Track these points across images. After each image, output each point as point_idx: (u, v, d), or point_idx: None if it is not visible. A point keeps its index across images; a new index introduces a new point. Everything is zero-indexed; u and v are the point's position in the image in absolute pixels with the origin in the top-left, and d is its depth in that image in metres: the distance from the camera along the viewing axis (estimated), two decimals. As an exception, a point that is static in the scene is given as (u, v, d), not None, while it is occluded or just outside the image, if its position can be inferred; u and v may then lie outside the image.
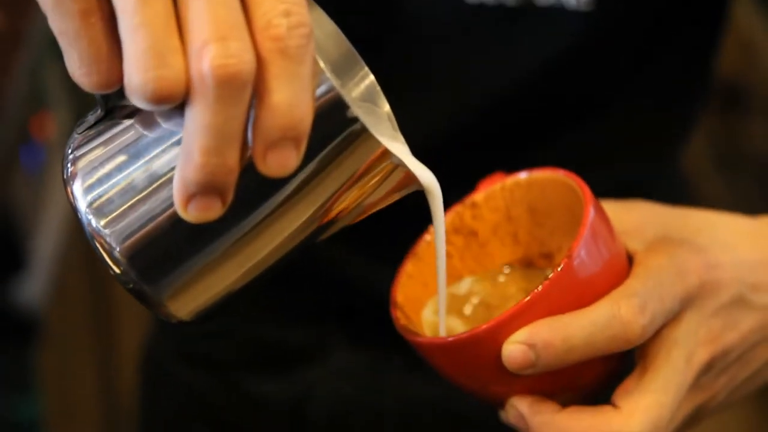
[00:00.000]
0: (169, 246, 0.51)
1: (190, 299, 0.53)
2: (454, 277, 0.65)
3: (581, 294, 0.56)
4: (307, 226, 0.53)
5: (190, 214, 0.47)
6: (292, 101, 0.47)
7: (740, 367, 0.62)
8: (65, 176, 0.52)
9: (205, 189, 0.47)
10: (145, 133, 0.51)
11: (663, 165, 0.90)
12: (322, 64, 0.49)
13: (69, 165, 0.52)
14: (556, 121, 0.82)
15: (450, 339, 0.57)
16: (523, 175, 0.64)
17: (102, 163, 0.51)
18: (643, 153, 0.87)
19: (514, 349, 0.56)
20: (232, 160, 0.46)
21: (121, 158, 0.51)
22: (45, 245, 1.85)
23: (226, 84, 0.45)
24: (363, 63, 0.56)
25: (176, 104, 0.46)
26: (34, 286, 1.75)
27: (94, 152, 0.51)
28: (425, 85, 0.80)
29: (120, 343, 1.91)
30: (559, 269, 0.55)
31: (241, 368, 0.94)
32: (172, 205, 0.48)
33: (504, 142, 0.81)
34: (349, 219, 0.55)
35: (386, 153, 0.52)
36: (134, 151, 0.51)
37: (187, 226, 0.48)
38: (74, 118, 2.11)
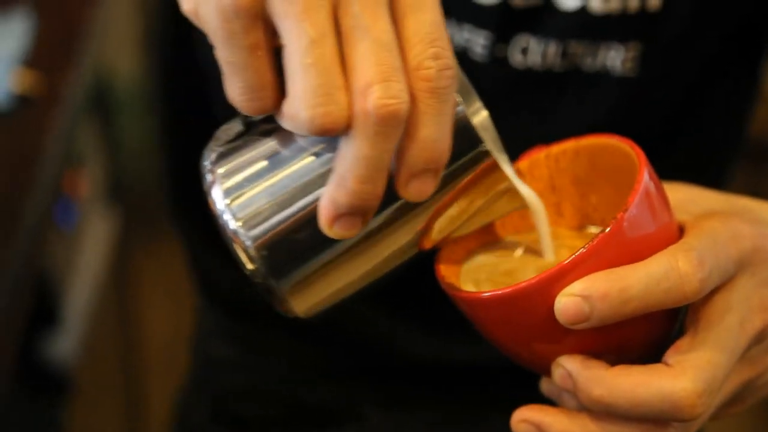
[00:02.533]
0: (300, 248, 0.56)
1: (309, 297, 0.59)
2: (492, 237, 0.66)
3: (634, 251, 0.56)
4: (425, 235, 0.59)
5: (334, 232, 0.53)
6: (436, 136, 0.52)
7: None
8: (207, 183, 0.57)
9: (353, 211, 0.52)
10: (286, 148, 0.56)
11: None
12: (460, 99, 0.55)
13: (210, 173, 0.58)
14: None
15: (498, 292, 0.57)
16: (570, 142, 0.64)
17: (243, 171, 0.57)
18: None
19: (567, 300, 0.55)
20: (380, 188, 0.52)
21: (262, 167, 0.56)
22: (77, 302, 1.85)
23: (386, 121, 0.50)
24: (477, 95, 0.62)
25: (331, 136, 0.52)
26: (66, 342, 1.75)
27: (235, 161, 0.57)
28: None
29: (149, 402, 1.91)
30: (613, 224, 0.55)
31: (272, 428, 0.94)
32: (307, 213, 0.55)
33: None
34: (455, 232, 0.60)
35: (506, 180, 0.58)
36: (274, 163, 0.56)
37: (319, 235, 0.54)
38: (107, 175, 2.12)
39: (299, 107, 0.51)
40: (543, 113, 0.80)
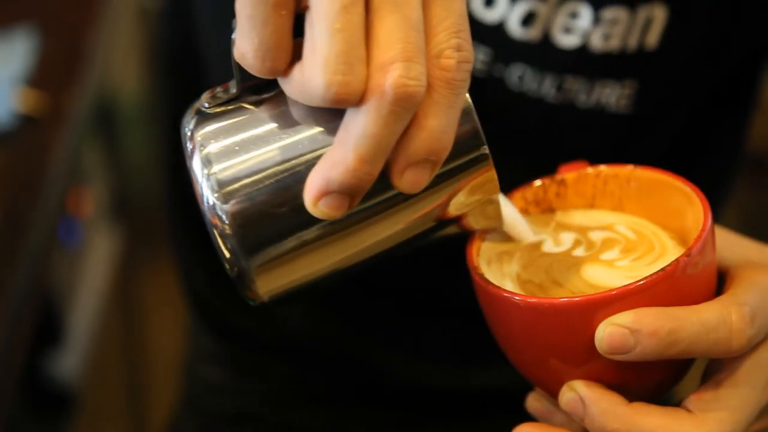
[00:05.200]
0: (276, 225, 0.54)
1: (276, 279, 0.56)
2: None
3: (682, 292, 0.55)
4: (398, 236, 0.57)
5: (319, 210, 0.51)
6: (443, 128, 0.51)
7: None
8: (188, 149, 0.55)
9: (344, 190, 0.50)
10: (278, 119, 0.54)
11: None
12: (469, 99, 0.53)
13: (191, 139, 0.55)
14: None
15: (535, 300, 0.56)
16: (626, 168, 0.63)
17: (228, 141, 0.54)
18: None
19: (614, 330, 0.54)
20: (377, 171, 0.50)
21: (248, 137, 0.54)
22: (81, 320, 1.86)
23: (401, 102, 0.49)
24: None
25: (340, 107, 0.50)
26: (70, 360, 1.75)
27: (221, 129, 0.55)
28: None
29: (153, 419, 1.91)
30: (673, 264, 0.55)
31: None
32: (291, 189, 0.53)
33: None
34: (430, 237, 0.58)
35: (496, 188, 0.57)
36: (262, 133, 0.54)
37: (299, 214, 0.52)
38: (111, 193, 2.13)
39: (317, 72, 0.49)
40: (535, 139, 0.80)
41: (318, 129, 0.53)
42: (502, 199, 0.59)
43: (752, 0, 0.78)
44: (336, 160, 0.50)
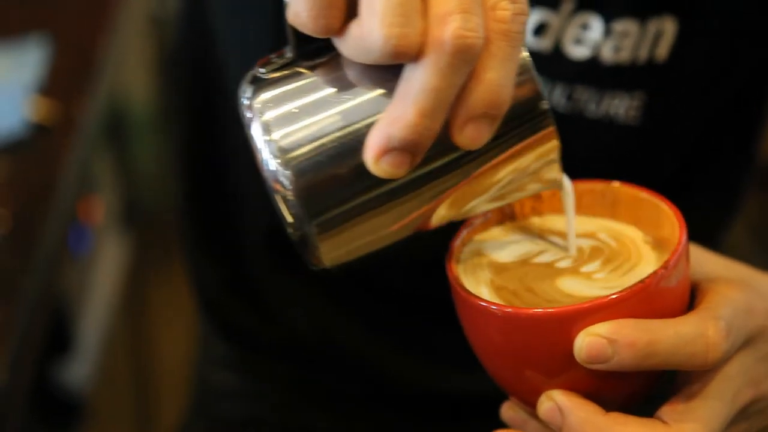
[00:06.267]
0: (339, 190, 0.53)
1: (339, 242, 0.55)
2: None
3: (658, 305, 0.56)
4: (459, 198, 0.56)
5: (380, 168, 0.50)
6: (502, 81, 0.50)
7: (759, 417, 0.62)
8: (246, 116, 0.54)
9: (405, 147, 0.49)
10: (334, 81, 0.53)
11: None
12: (526, 54, 0.53)
13: (249, 107, 0.55)
14: None
15: (512, 310, 0.56)
16: (601, 184, 0.64)
17: (287, 106, 0.54)
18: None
19: (593, 340, 0.55)
20: (438, 125, 0.49)
21: (309, 102, 0.54)
22: (91, 328, 1.86)
23: (461, 53, 0.48)
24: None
25: (399, 62, 0.49)
26: (80, 368, 1.76)
27: (279, 95, 0.54)
28: None
29: (162, 426, 1.92)
30: (651, 277, 0.55)
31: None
32: (352, 153, 0.52)
33: None
34: (489, 202, 0.58)
35: (557, 149, 0.56)
36: (320, 96, 0.53)
37: (361, 176, 0.52)
38: (121, 201, 2.13)
39: (374, 26, 0.48)
40: None
41: (376, 89, 0.53)
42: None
43: (762, 13, 0.78)
44: (396, 116, 0.49)
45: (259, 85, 0.55)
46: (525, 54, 0.53)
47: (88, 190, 1.87)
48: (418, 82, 0.49)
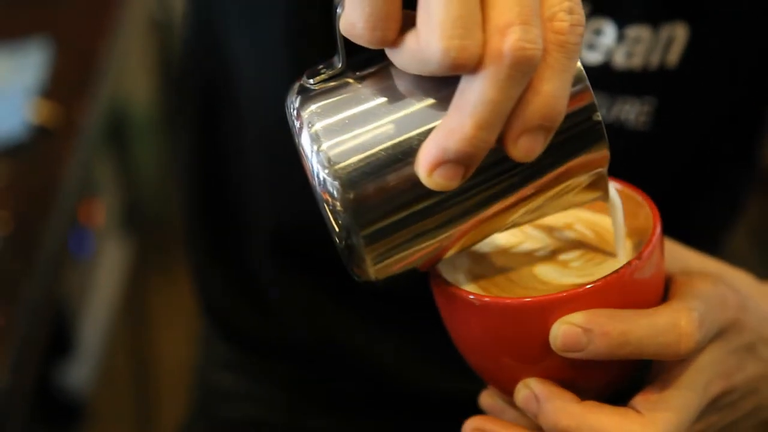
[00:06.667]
0: (388, 201, 0.53)
1: (386, 254, 0.55)
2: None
3: (632, 295, 0.57)
4: (508, 210, 0.56)
5: (433, 180, 0.50)
6: (558, 92, 0.49)
7: (730, 410, 0.63)
8: (295, 126, 0.54)
9: (461, 159, 0.49)
10: (386, 94, 0.53)
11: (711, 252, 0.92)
12: (580, 65, 0.52)
13: (299, 116, 0.54)
14: None
15: (489, 300, 0.57)
16: None
17: (336, 116, 0.53)
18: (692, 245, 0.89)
19: (567, 329, 0.56)
20: (494, 137, 0.49)
21: (359, 113, 0.53)
22: (92, 330, 1.87)
23: (520, 65, 0.48)
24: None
25: (456, 74, 0.48)
26: (81, 370, 1.76)
27: (328, 105, 0.54)
28: None
29: (162, 428, 1.92)
30: (625, 268, 0.56)
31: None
32: (402, 164, 0.52)
33: None
34: (531, 213, 0.57)
35: (607, 161, 0.56)
36: (371, 110, 0.53)
37: (411, 188, 0.52)
38: (122, 204, 2.14)
39: (434, 38, 0.48)
40: None
41: (428, 101, 0.52)
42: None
43: None
44: (452, 128, 0.49)
45: (308, 94, 0.55)
46: (579, 65, 0.53)
47: (89, 193, 1.87)
48: (475, 94, 0.48)
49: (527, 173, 0.54)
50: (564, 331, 0.56)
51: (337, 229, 0.54)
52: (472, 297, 0.57)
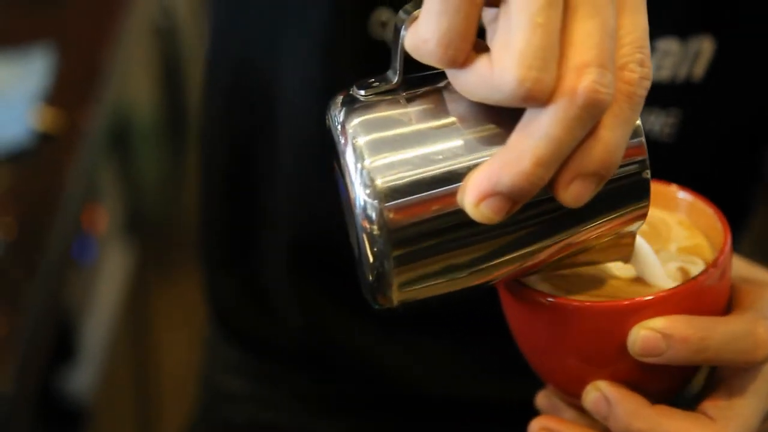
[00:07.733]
0: (427, 226, 0.51)
1: (413, 282, 0.53)
2: None
3: (705, 302, 0.58)
4: (535, 252, 0.54)
5: (479, 211, 0.49)
6: (618, 142, 0.49)
7: None
8: (340, 139, 0.52)
9: (512, 194, 0.48)
10: (441, 116, 0.52)
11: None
12: (639, 122, 0.52)
13: (345, 127, 0.52)
14: None
15: (566, 302, 0.57)
16: (660, 186, 0.64)
17: (385, 133, 0.52)
18: None
19: (647, 334, 0.56)
20: (549, 176, 0.48)
21: (407, 132, 0.52)
22: (94, 337, 1.87)
23: (591, 107, 0.47)
24: None
25: (525, 106, 0.48)
26: (84, 376, 1.76)
27: (379, 118, 0.52)
28: None
29: (165, 434, 1.92)
30: (703, 274, 0.57)
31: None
32: (447, 190, 0.50)
33: None
34: (564, 264, 0.57)
35: (645, 219, 0.55)
36: (422, 130, 0.52)
37: (451, 216, 0.50)
38: (125, 210, 2.14)
39: (510, 66, 0.47)
40: None
41: (483, 129, 0.51)
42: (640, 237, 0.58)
43: None
44: (509, 161, 0.48)
45: (353, 107, 0.53)
46: (639, 120, 0.52)
47: (93, 198, 1.87)
48: (540, 130, 0.47)
49: (567, 217, 0.53)
50: (644, 335, 0.56)
51: (369, 255, 0.52)
52: (551, 299, 0.57)
